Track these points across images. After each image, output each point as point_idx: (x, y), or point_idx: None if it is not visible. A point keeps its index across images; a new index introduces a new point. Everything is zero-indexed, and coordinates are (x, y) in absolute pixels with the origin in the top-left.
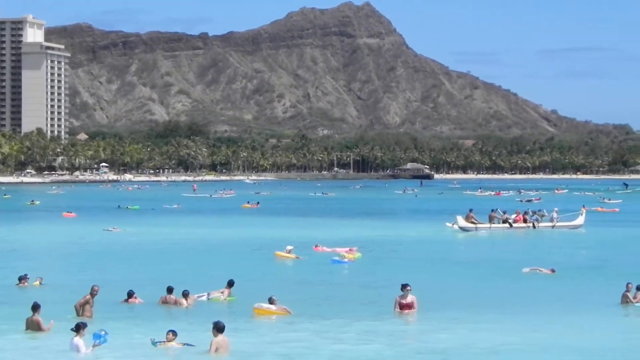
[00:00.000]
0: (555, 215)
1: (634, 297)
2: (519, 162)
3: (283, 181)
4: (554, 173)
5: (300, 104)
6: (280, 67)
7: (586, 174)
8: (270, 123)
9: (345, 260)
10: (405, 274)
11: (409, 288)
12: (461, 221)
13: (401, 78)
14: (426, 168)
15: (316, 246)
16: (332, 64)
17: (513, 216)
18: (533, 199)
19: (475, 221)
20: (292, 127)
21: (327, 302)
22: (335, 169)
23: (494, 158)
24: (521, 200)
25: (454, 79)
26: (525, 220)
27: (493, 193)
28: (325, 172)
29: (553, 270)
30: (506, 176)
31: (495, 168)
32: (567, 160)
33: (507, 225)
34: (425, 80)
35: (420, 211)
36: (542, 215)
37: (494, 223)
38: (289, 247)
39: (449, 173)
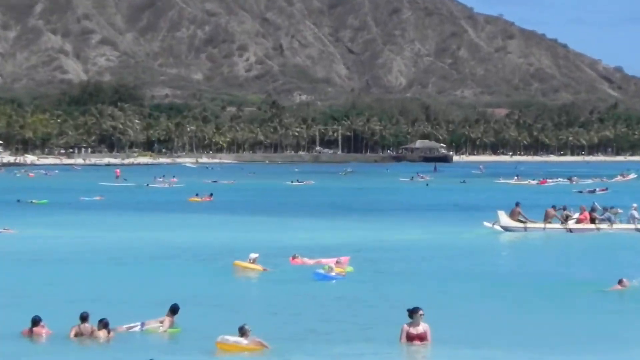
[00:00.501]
0: (635, 213)
1: None
2: (570, 138)
3: (246, 165)
4: (618, 154)
5: (269, 60)
6: (242, 9)
7: None
8: (228, 85)
9: (333, 274)
10: (415, 293)
11: (421, 313)
12: (504, 218)
13: (408, 24)
14: (442, 147)
15: (294, 257)
16: (313, 5)
17: (576, 214)
18: (597, 189)
19: (524, 219)
20: (259, 91)
21: (310, 332)
22: (318, 148)
23: (535, 133)
24: (581, 192)
25: (481, 25)
26: (592, 220)
27: (535, 182)
28: (303, 153)
29: (621, 282)
30: (552, 158)
31: (537, 147)
32: (636, 136)
33: (565, 227)
34: (441, 27)
35: (435, 206)
36: (616, 213)
37: (550, 222)
38: (253, 255)
39: (473, 154)
